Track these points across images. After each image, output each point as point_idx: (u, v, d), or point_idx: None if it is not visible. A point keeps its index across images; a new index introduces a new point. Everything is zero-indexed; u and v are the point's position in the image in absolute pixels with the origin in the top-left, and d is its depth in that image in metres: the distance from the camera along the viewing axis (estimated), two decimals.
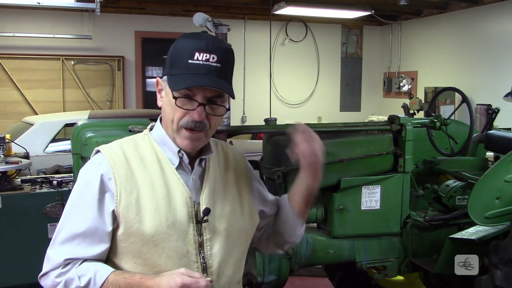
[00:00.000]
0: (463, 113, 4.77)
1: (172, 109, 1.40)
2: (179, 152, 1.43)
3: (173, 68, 1.39)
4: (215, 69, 1.36)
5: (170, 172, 1.42)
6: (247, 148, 5.33)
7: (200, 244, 1.41)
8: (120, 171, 1.38)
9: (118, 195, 1.36)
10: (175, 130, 1.41)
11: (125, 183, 1.37)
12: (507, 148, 2.90)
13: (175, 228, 1.37)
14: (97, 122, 3.02)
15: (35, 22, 8.40)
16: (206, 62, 1.35)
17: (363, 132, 3.05)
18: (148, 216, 1.35)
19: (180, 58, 1.37)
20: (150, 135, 1.48)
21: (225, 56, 1.39)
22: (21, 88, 8.32)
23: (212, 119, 1.41)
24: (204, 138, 1.42)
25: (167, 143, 1.45)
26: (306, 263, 3.02)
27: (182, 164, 1.45)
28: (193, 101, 1.37)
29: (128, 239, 1.36)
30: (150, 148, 1.45)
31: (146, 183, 1.39)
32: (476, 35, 8.13)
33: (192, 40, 1.38)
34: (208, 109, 1.39)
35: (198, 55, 1.35)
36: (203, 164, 1.49)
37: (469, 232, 2.80)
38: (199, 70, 1.35)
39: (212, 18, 2.68)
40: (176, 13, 8.85)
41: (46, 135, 5.66)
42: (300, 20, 9.79)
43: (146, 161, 1.42)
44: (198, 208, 1.42)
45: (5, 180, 3.69)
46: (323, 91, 10.32)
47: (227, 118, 2.77)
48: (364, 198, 3.01)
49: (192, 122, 1.38)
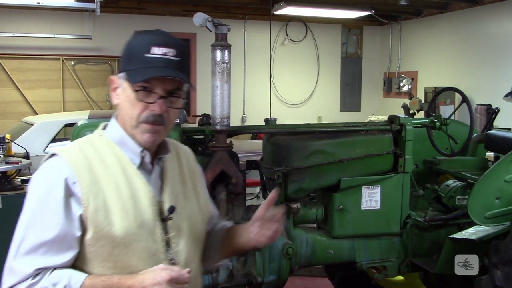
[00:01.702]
0: (463, 113, 4.77)
1: (130, 105, 1.38)
2: (142, 152, 1.42)
3: (130, 63, 1.38)
4: (173, 62, 1.36)
5: (132, 171, 1.40)
6: (247, 148, 5.32)
7: (167, 242, 1.42)
8: (84, 174, 1.34)
9: (85, 199, 1.32)
10: (134, 125, 1.38)
11: (91, 186, 1.34)
12: (507, 148, 2.90)
13: (144, 228, 1.37)
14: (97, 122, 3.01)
15: (35, 22, 8.40)
16: (163, 55, 1.35)
17: (363, 132, 3.05)
18: (117, 218, 1.34)
19: (137, 53, 1.36)
20: (105, 136, 1.45)
21: (182, 50, 1.39)
22: (21, 88, 8.32)
23: (171, 112, 1.40)
24: (163, 131, 1.42)
25: (126, 143, 1.42)
26: (306, 263, 3.02)
27: (143, 163, 1.43)
28: (153, 94, 1.36)
29: (97, 243, 1.33)
30: (108, 149, 1.41)
31: (111, 184, 1.36)
32: (476, 35, 8.13)
33: (148, 35, 1.39)
34: (168, 102, 1.38)
35: (156, 49, 1.35)
36: (161, 164, 1.49)
37: (469, 232, 2.79)
38: (157, 63, 1.34)
39: (212, 18, 2.68)
40: (176, 13, 8.85)
41: (46, 135, 5.66)
42: (300, 20, 9.79)
43: (107, 162, 1.39)
44: (162, 206, 1.42)
45: (5, 180, 3.69)
46: (323, 91, 10.32)
47: (227, 118, 2.77)
48: (364, 198, 3.01)
49: (152, 116, 1.36)
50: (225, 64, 2.70)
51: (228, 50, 2.70)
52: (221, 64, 2.69)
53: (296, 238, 2.93)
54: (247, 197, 3.05)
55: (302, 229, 3.01)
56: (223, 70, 2.70)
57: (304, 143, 2.92)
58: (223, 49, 2.69)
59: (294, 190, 2.89)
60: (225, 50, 2.69)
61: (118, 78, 1.42)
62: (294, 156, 2.87)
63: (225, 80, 2.71)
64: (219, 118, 2.74)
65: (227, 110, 2.76)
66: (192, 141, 2.91)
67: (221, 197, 2.72)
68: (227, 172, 2.70)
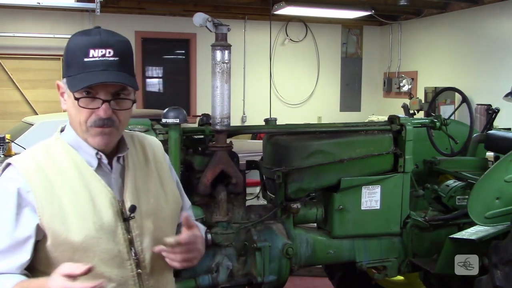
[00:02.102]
0: (463, 113, 4.77)
1: (76, 111, 1.36)
2: (97, 154, 1.40)
3: (69, 69, 1.35)
4: (112, 63, 1.33)
5: (90, 175, 1.39)
6: (247, 148, 5.32)
7: (130, 241, 1.40)
8: (38, 182, 1.34)
9: (40, 207, 1.32)
10: (85, 130, 1.38)
11: (45, 194, 1.33)
12: (507, 148, 2.89)
13: (103, 230, 1.36)
14: None
15: (35, 22, 8.41)
16: (102, 57, 1.32)
17: (363, 132, 3.05)
18: (75, 224, 1.33)
19: (75, 57, 1.34)
20: (62, 139, 1.44)
21: (122, 48, 1.36)
22: (21, 88, 8.32)
23: (120, 114, 1.38)
24: (116, 133, 1.40)
25: (81, 146, 1.41)
26: (306, 263, 3.02)
27: (101, 164, 1.42)
28: (96, 99, 1.34)
29: (57, 249, 1.33)
30: (64, 153, 1.40)
31: (67, 190, 1.35)
32: (476, 35, 8.13)
33: (85, 37, 1.35)
34: (113, 104, 1.36)
35: (93, 52, 1.32)
36: (121, 161, 1.47)
37: (469, 232, 2.79)
38: (96, 67, 1.31)
39: (212, 18, 2.68)
40: (176, 13, 8.85)
41: (46, 135, 5.62)
42: (300, 20, 9.79)
43: (62, 167, 1.38)
44: (123, 206, 1.41)
45: None
46: (323, 91, 10.32)
47: (227, 118, 2.77)
48: (364, 198, 3.01)
49: (99, 120, 1.35)
50: (225, 64, 2.70)
51: (228, 50, 2.70)
52: (221, 64, 2.69)
53: (296, 238, 2.93)
54: (247, 197, 3.04)
55: (302, 229, 3.01)
56: (223, 70, 2.70)
57: (304, 143, 2.92)
58: (223, 49, 2.69)
59: (294, 190, 2.89)
60: (225, 50, 2.69)
61: (63, 84, 1.40)
62: (294, 156, 2.87)
63: (225, 80, 2.71)
64: (219, 118, 2.74)
65: (227, 110, 2.76)
66: (192, 141, 2.91)
67: (221, 197, 2.71)
68: (227, 172, 2.69)
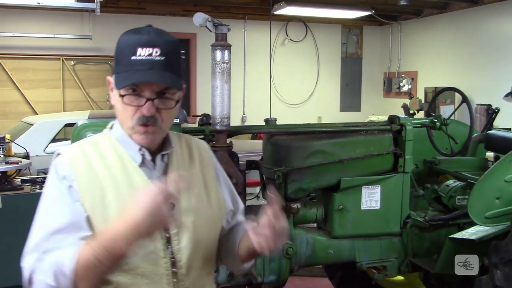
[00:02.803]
0: (463, 113, 4.77)
1: (122, 108, 1.40)
2: (140, 150, 1.42)
3: (118, 66, 1.39)
4: (159, 63, 1.35)
5: (133, 170, 1.41)
6: (247, 148, 5.32)
7: (167, 240, 1.40)
8: (82, 172, 1.38)
9: (82, 196, 1.36)
10: (130, 127, 1.40)
11: (88, 184, 1.37)
12: (507, 148, 2.90)
13: None
14: (97, 122, 3.02)
15: (35, 22, 8.41)
16: (149, 56, 1.34)
17: (363, 132, 3.05)
18: (114, 216, 1.34)
19: (124, 55, 1.36)
20: (110, 135, 1.48)
21: (169, 48, 1.38)
22: (21, 88, 8.32)
23: (164, 112, 1.40)
24: (159, 132, 1.41)
25: (127, 142, 1.44)
26: (306, 263, 3.02)
27: (144, 161, 1.44)
28: (141, 97, 1.36)
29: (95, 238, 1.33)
30: (111, 147, 1.44)
31: (110, 182, 1.38)
32: (476, 35, 8.13)
33: (134, 35, 1.37)
34: (157, 103, 1.38)
35: (141, 50, 1.34)
36: (166, 160, 1.48)
37: (469, 232, 2.79)
38: (142, 65, 1.34)
39: (212, 18, 2.68)
40: (176, 13, 8.85)
41: (46, 135, 5.66)
42: (300, 20, 9.79)
43: (108, 160, 1.41)
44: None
45: (5, 180, 3.69)
46: (323, 91, 10.32)
47: (227, 118, 2.77)
48: (364, 198, 3.01)
49: (143, 117, 1.37)
50: (225, 64, 2.70)
51: (228, 50, 2.70)
52: (221, 64, 2.69)
53: (296, 238, 2.93)
54: (247, 197, 3.04)
55: (302, 229, 3.01)
56: (223, 70, 2.70)
57: (304, 143, 2.92)
58: (223, 49, 2.69)
59: (294, 190, 2.89)
60: (225, 50, 2.69)
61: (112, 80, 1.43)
62: (294, 156, 2.87)
63: (225, 80, 2.71)
64: (219, 118, 2.74)
65: (227, 110, 2.76)
66: None
67: None
68: (227, 172, 2.69)
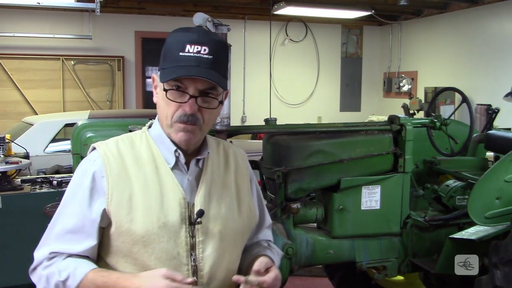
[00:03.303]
0: (463, 113, 4.77)
1: (165, 104, 1.37)
2: (176, 152, 1.40)
3: (165, 61, 1.37)
4: (206, 61, 1.33)
5: (165, 171, 1.39)
6: (247, 148, 5.32)
7: (192, 246, 1.37)
8: (113, 169, 1.37)
9: (109, 194, 1.34)
10: (169, 125, 1.38)
11: (118, 181, 1.35)
12: (507, 148, 2.89)
13: (166, 229, 1.34)
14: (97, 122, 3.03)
15: (35, 22, 8.40)
16: (197, 54, 1.32)
17: (363, 132, 3.05)
18: (139, 216, 1.33)
19: (171, 51, 1.35)
20: (147, 133, 1.46)
21: (217, 48, 1.36)
22: (21, 88, 8.32)
23: (205, 112, 1.37)
24: (198, 132, 1.39)
25: (163, 142, 1.42)
26: (306, 263, 3.01)
27: (178, 164, 1.41)
28: (185, 93, 1.34)
29: (118, 238, 1.35)
30: (146, 146, 1.42)
31: (140, 182, 1.36)
32: (476, 35, 8.13)
33: (184, 33, 1.36)
34: (200, 102, 1.35)
35: (189, 47, 1.32)
36: (200, 164, 1.45)
37: (469, 232, 2.79)
38: (189, 62, 1.32)
39: (212, 18, 2.68)
40: (176, 13, 8.85)
41: (46, 135, 5.66)
42: (300, 20, 9.79)
43: (141, 159, 1.39)
44: (192, 209, 1.39)
45: (5, 180, 3.68)
46: (323, 91, 10.32)
47: (227, 118, 2.77)
48: (364, 198, 3.01)
49: (184, 115, 1.35)
50: None
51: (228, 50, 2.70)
52: None
53: (296, 238, 2.93)
54: None
55: (302, 229, 3.01)
56: None
57: (304, 143, 2.92)
58: None
59: (294, 190, 2.89)
60: None
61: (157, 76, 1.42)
62: (294, 156, 2.87)
63: None
64: (219, 118, 2.74)
65: (227, 110, 2.76)
66: None
67: None
68: None
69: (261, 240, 1.62)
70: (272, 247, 1.62)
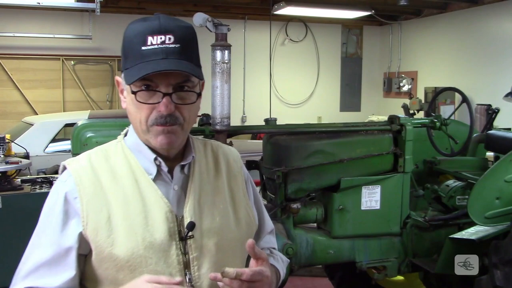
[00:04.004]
0: (463, 113, 4.77)
1: (136, 108, 1.20)
2: (156, 160, 1.24)
3: (127, 60, 1.20)
4: (173, 51, 1.16)
5: (146, 183, 1.23)
6: (247, 148, 5.33)
7: (185, 265, 1.21)
8: (87, 187, 1.21)
9: (84, 216, 1.18)
10: (145, 130, 1.21)
11: (93, 201, 1.19)
12: (507, 148, 2.89)
13: (154, 249, 1.18)
14: (97, 122, 3.02)
15: (35, 22, 8.41)
16: (161, 45, 1.15)
17: (363, 132, 3.05)
18: (121, 238, 1.17)
19: (132, 47, 1.18)
20: (123, 142, 1.29)
21: (184, 34, 1.19)
22: (21, 88, 8.33)
23: (184, 109, 1.20)
24: (180, 132, 1.21)
25: (141, 150, 1.25)
26: (306, 263, 3.02)
27: (161, 173, 1.25)
28: (157, 93, 1.17)
29: (101, 265, 1.19)
30: (122, 157, 1.26)
31: (118, 198, 1.20)
32: (476, 35, 8.13)
33: (142, 23, 1.19)
34: (175, 98, 1.18)
35: (152, 39, 1.16)
36: (186, 171, 1.29)
37: (469, 232, 2.79)
38: (155, 55, 1.15)
39: (212, 18, 2.68)
40: (176, 13, 8.84)
41: (46, 135, 5.67)
42: (300, 20, 9.79)
43: (117, 173, 1.23)
44: (182, 222, 1.23)
45: (5, 180, 3.68)
46: (323, 91, 10.32)
47: (227, 118, 2.77)
48: (364, 198, 3.01)
49: (160, 117, 1.18)
50: (225, 64, 2.70)
51: (228, 50, 2.70)
52: (221, 64, 2.70)
53: (296, 238, 2.93)
54: None
55: (302, 229, 3.01)
56: (223, 70, 2.70)
57: (304, 143, 2.92)
58: (223, 49, 2.69)
59: (294, 190, 2.89)
60: (225, 50, 2.69)
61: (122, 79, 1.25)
62: (294, 156, 2.87)
63: (225, 80, 2.71)
64: (219, 118, 2.74)
65: (227, 110, 2.76)
66: None
67: None
68: None
69: (263, 248, 1.46)
70: (275, 254, 1.48)
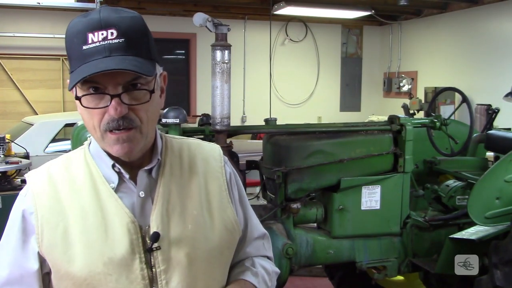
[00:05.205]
0: (463, 113, 4.77)
1: (88, 113, 1.08)
2: (115, 167, 1.14)
3: (71, 63, 1.08)
4: (117, 46, 1.04)
5: (107, 193, 1.12)
6: (247, 148, 5.33)
7: (151, 280, 1.11)
8: (43, 201, 1.12)
9: (39, 232, 1.10)
10: (100, 137, 1.10)
11: (49, 216, 1.11)
12: (507, 148, 2.90)
13: (113, 264, 1.08)
14: None
15: (35, 22, 8.40)
16: (103, 41, 1.03)
17: (363, 132, 3.05)
18: (78, 254, 1.08)
19: (73, 47, 1.06)
20: (87, 150, 1.19)
21: (128, 26, 1.06)
22: (21, 88, 8.32)
23: (139, 110, 1.08)
24: (139, 136, 1.09)
25: (101, 157, 1.15)
26: (306, 263, 3.02)
27: (124, 180, 1.15)
28: (106, 95, 1.05)
29: (60, 283, 1.11)
30: (84, 166, 1.16)
31: (76, 211, 1.11)
32: (476, 35, 8.13)
33: (81, 19, 1.06)
34: (127, 99, 1.06)
35: (92, 36, 1.03)
36: (155, 174, 1.17)
37: (469, 232, 2.80)
38: (97, 54, 1.03)
39: (212, 18, 2.68)
40: (176, 13, 8.85)
41: (46, 135, 5.66)
42: (300, 20, 9.79)
43: (76, 184, 1.14)
44: (148, 233, 1.12)
45: (5, 180, 3.69)
46: (323, 91, 10.32)
47: (227, 118, 2.77)
48: (364, 198, 3.01)
49: (112, 121, 1.06)
50: (225, 64, 2.70)
51: (228, 50, 2.70)
52: (221, 64, 2.70)
53: (296, 238, 2.93)
54: (247, 197, 3.04)
55: (302, 229, 3.01)
56: (223, 70, 2.70)
57: (304, 143, 2.92)
58: (223, 49, 2.69)
59: (294, 190, 2.89)
60: (225, 50, 2.69)
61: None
62: (294, 156, 2.87)
63: (225, 80, 2.71)
64: (219, 118, 2.74)
65: (227, 110, 2.76)
66: None
67: None
68: None
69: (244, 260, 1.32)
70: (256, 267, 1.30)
